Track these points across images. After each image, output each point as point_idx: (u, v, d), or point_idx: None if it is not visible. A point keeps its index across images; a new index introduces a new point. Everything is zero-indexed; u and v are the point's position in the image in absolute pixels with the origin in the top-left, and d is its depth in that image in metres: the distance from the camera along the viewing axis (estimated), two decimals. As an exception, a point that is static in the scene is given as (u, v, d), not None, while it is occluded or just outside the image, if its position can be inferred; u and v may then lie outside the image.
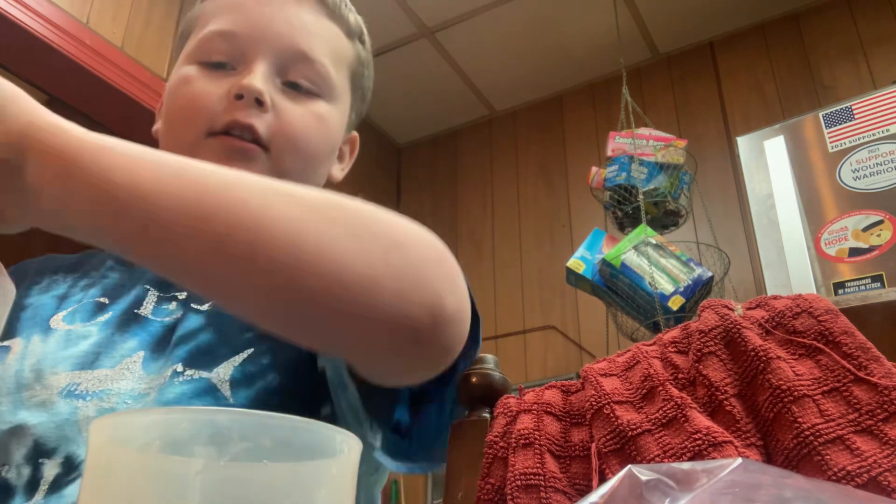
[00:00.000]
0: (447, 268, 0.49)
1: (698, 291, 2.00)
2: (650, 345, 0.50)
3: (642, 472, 0.27)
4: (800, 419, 0.39)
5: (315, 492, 0.29)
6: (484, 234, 3.30)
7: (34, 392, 0.57)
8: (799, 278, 1.75)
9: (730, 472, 0.27)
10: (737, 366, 0.44)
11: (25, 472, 0.53)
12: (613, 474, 0.28)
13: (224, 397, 0.57)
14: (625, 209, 2.26)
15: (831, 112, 1.90)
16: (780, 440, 0.40)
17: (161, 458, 0.28)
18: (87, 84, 2.22)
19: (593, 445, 0.44)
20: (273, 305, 0.44)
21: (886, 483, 0.36)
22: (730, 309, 0.47)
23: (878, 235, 1.70)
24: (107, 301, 0.66)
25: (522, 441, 0.46)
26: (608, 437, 0.44)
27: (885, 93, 1.86)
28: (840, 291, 1.69)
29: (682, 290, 1.99)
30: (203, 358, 0.59)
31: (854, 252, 1.71)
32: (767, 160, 1.93)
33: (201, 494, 0.26)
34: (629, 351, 0.50)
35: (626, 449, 0.43)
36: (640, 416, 0.44)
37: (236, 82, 0.66)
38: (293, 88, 0.69)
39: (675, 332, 0.49)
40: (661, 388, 0.44)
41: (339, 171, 0.79)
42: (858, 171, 1.79)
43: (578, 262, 2.21)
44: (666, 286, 1.99)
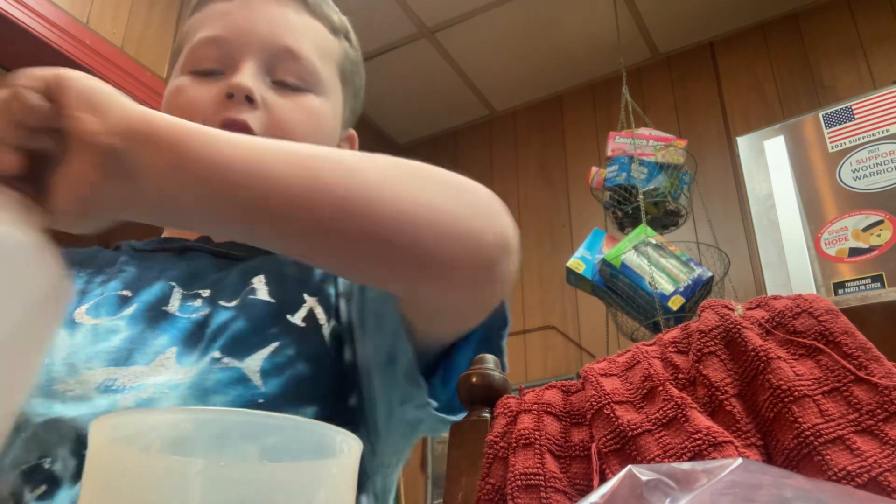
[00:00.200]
0: (502, 206, 0.56)
1: (698, 291, 2.00)
2: (650, 345, 0.50)
3: (642, 472, 0.27)
4: (800, 419, 0.39)
5: (315, 492, 0.29)
6: (484, 234, 3.29)
7: (68, 386, 0.58)
8: (799, 278, 1.75)
9: (730, 473, 0.27)
10: (737, 366, 0.44)
11: (71, 464, 0.55)
12: (614, 474, 0.28)
13: (256, 386, 0.60)
14: (625, 209, 2.26)
15: (831, 112, 1.90)
16: (780, 440, 0.40)
17: (161, 457, 0.28)
18: (87, 84, 2.22)
19: (593, 445, 0.44)
20: (378, 256, 0.50)
21: (887, 483, 0.36)
22: (730, 309, 0.47)
23: (878, 235, 1.70)
24: (129, 294, 0.67)
25: (523, 441, 0.46)
26: (608, 437, 0.44)
27: (885, 93, 1.86)
28: (840, 291, 1.69)
29: (682, 290, 1.99)
30: (237, 346, 0.62)
31: (854, 252, 1.71)
32: (767, 160, 1.93)
33: (201, 494, 0.26)
34: (629, 351, 0.50)
35: (626, 449, 0.43)
36: (640, 417, 0.44)
37: (226, 83, 0.68)
38: (283, 86, 0.71)
39: (675, 332, 0.49)
40: (661, 388, 0.44)
41: None
42: (858, 171, 1.79)
43: (578, 262, 2.21)
44: (666, 286, 1.99)
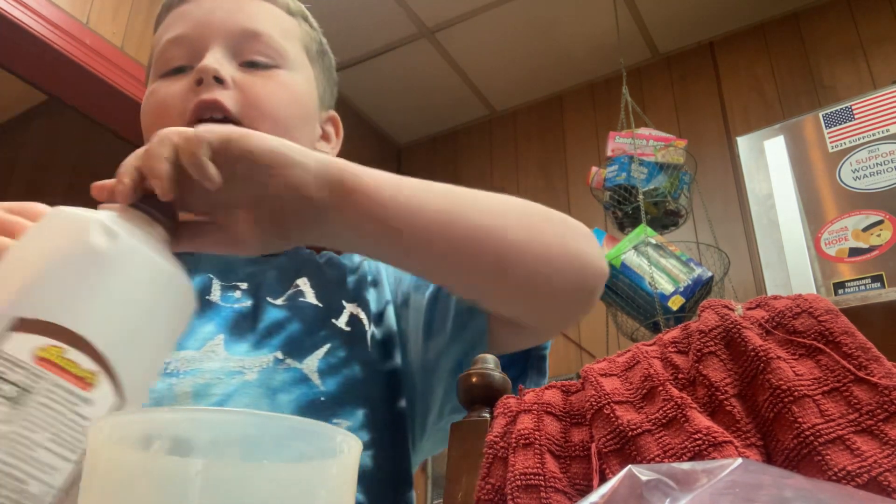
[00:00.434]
0: (595, 239, 0.65)
1: (698, 291, 2.00)
2: (650, 345, 0.49)
3: (642, 472, 0.27)
4: (800, 419, 0.39)
5: (315, 492, 0.29)
6: (484, 234, 3.29)
7: None
8: (799, 278, 1.75)
9: (730, 473, 0.27)
10: (737, 366, 0.44)
11: None
12: (613, 474, 0.28)
13: (316, 385, 0.64)
14: (625, 209, 2.26)
15: (831, 112, 1.89)
16: (780, 440, 0.40)
17: (161, 458, 0.28)
18: (87, 84, 2.22)
19: (593, 445, 0.44)
20: (499, 283, 0.60)
21: (887, 483, 0.35)
22: (730, 309, 0.47)
23: (878, 235, 1.70)
24: None
25: (523, 441, 0.46)
26: (608, 437, 0.44)
27: (885, 93, 1.86)
28: (840, 291, 1.69)
29: (681, 290, 1.99)
30: (295, 348, 0.66)
31: (854, 252, 1.71)
32: (767, 160, 1.93)
33: (201, 494, 0.26)
34: (629, 351, 0.50)
35: (626, 449, 0.43)
36: (640, 417, 0.44)
37: (194, 71, 0.69)
38: (251, 65, 0.72)
39: (675, 332, 0.49)
40: (661, 388, 0.44)
41: (330, 151, 0.81)
42: (858, 171, 1.79)
43: (578, 262, 2.21)
44: (666, 286, 1.99)
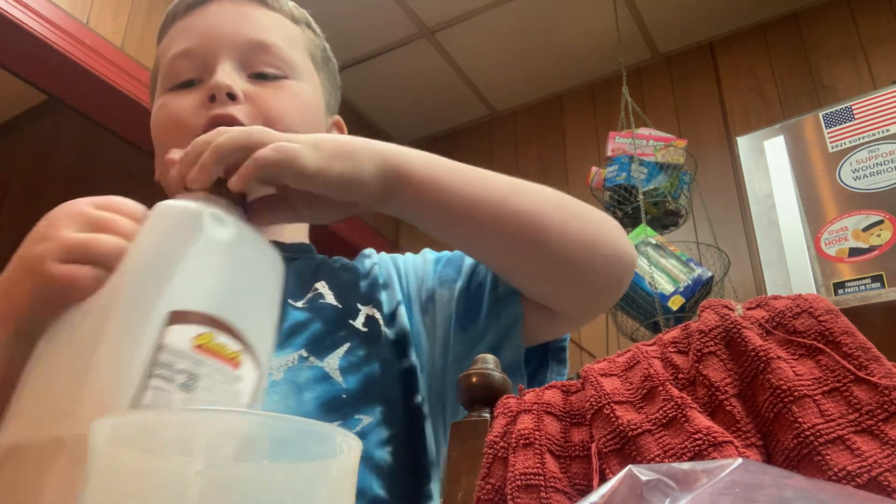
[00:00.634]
0: (623, 230, 0.69)
1: (698, 291, 2.00)
2: (650, 345, 0.49)
3: (642, 472, 0.27)
4: (800, 419, 0.39)
5: (315, 492, 0.29)
6: (484, 234, 3.29)
7: None
8: (799, 278, 1.75)
9: (730, 473, 0.27)
10: (737, 366, 0.44)
11: None
12: (614, 474, 0.28)
13: (338, 382, 0.66)
14: (625, 209, 2.26)
15: (831, 112, 1.89)
16: (780, 440, 0.40)
17: (161, 458, 0.28)
18: (87, 84, 2.22)
19: (593, 445, 0.44)
20: (542, 267, 0.65)
21: (887, 483, 0.35)
22: (730, 309, 0.47)
23: (878, 235, 1.70)
24: None
25: (523, 441, 0.46)
26: (608, 437, 0.44)
27: (885, 93, 1.86)
28: (840, 291, 1.69)
29: (681, 290, 1.99)
30: (317, 346, 0.67)
31: (854, 252, 1.71)
32: (767, 160, 1.93)
33: (201, 494, 0.26)
34: (629, 351, 0.50)
35: (626, 449, 0.43)
36: (640, 417, 0.44)
37: (206, 87, 0.70)
38: (260, 77, 0.73)
39: (675, 332, 0.49)
40: (661, 388, 0.44)
41: None
42: (858, 171, 1.79)
43: (578, 262, 2.21)
44: (666, 286, 1.99)
